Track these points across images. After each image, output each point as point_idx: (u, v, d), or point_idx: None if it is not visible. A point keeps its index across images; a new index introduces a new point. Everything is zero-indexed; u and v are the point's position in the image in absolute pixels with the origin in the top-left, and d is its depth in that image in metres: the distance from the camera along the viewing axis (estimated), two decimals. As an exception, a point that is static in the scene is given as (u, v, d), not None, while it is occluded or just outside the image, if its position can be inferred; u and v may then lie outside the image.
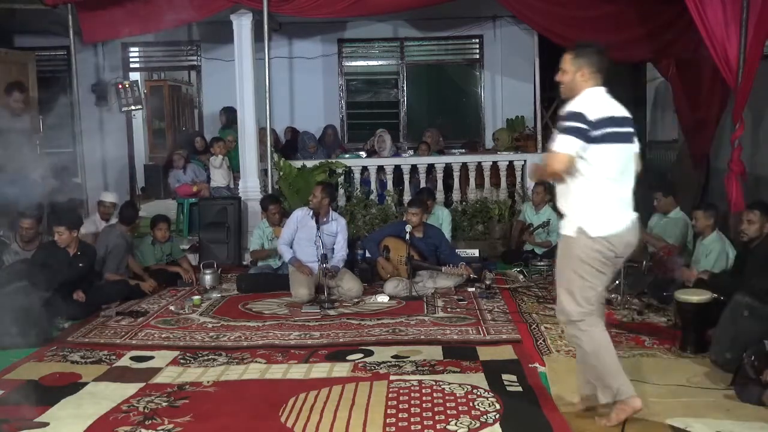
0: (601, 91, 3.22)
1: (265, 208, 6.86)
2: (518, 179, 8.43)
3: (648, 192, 6.87)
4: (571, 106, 3.13)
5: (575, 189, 3.19)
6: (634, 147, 3.26)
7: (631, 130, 3.24)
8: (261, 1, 7.25)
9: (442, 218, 7.25)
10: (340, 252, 6.19)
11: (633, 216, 3.25)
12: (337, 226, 6.24)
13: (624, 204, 3.22)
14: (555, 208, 7.92)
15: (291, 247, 6.18)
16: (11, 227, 6.06)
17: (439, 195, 8.10)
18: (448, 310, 5.49)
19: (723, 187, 5.85)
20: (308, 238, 6.08)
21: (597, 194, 3.15)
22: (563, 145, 3.06)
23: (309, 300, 5.82)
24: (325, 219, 6.14)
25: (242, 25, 7.74)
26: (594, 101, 3.15)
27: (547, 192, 7.60)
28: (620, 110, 3.24)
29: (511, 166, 8.51)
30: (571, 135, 3.06)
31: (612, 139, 3.11)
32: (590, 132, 3.06)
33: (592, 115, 3.07)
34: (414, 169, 8.40)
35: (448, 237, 6.91)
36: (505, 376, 3.92)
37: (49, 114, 7.67)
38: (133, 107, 9.39)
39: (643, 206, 7.86)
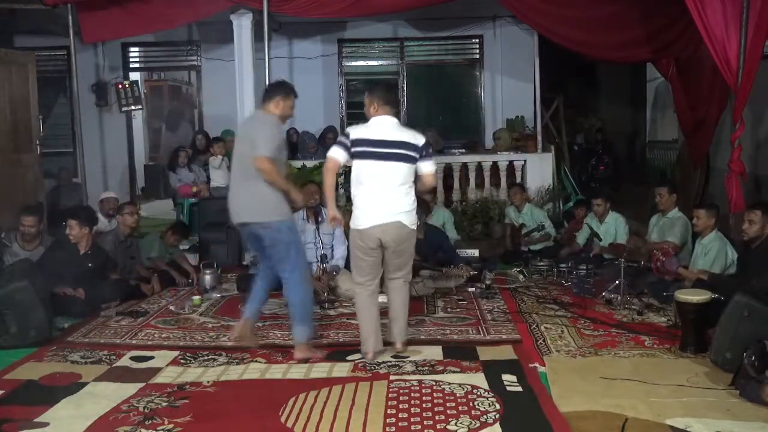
0: (382, 119, 4.19)
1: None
2: (518, 179, 8.43)
3: (648, 192, 6.90)
4: (348, 128, 4.27)
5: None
6: (395, 166, 4.07)
7: (395, 151, 4.09)
8: (261, 1, 7.26)
9: (444, 219, 7.25)
10: (340, 247, 6.10)
11: (390, 219, 4.08)
12: None
13: (378, 208, 4.09)
14: (540, 207, 7.97)
15: None
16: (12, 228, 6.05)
17: (439, 195, 8.09)
18: (448, 310, 5.49)
19: (723, 187, 5.85)
20: (309, 241, 6.03)
21: (356, 197, 4.18)
22: (332, 151, 4.18)
23: None
24: (320, 218, 6.11)
25: (242, 25, 7.74)
26: (363, 127, 4.23)
27: (524, 192, 7.63)
28: (393, 135, 4.13)
29: (511, 166, 8.52)
30: (337, 146, 4.19)
31: (365, 156, 4.10)
32: (350, 148, 4.12)
33: (354, 136, 4.14)
34: (414, 169, 8.38)
35: (453, 237, 6.88)
36: (505, 376, 3.91)
37: (49, 114, 7.64)
38: (133, 107, 9.41)
39: (643, 207, 7.96)
